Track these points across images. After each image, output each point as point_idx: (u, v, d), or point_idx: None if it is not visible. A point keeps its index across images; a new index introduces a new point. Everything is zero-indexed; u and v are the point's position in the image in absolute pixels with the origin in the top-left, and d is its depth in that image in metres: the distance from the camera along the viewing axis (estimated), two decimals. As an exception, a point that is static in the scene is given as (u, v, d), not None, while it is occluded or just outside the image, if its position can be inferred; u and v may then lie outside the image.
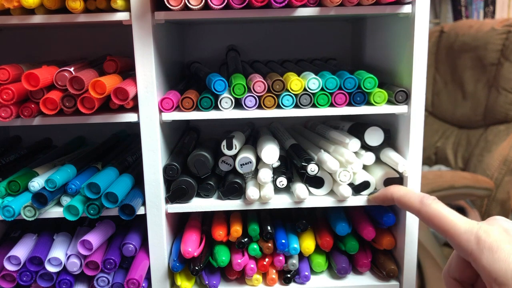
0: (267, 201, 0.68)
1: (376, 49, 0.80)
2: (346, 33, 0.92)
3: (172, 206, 0.69)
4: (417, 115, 0.65)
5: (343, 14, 0.62)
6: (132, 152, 0.78)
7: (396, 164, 0.66)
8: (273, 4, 0.60)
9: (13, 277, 0.68)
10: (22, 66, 0.64)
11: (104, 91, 0.59)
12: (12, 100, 0.59)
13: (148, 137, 0.65)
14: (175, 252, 0.71)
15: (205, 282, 0.71)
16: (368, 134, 0.69)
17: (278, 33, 0.91)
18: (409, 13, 0.63)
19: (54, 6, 0.59)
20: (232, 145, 0.68)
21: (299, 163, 0.67)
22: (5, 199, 0.65)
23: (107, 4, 0.60)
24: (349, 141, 0.69)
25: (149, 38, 0.62)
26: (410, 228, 0.69)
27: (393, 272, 0.71)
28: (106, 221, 0.71)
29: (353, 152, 0.68)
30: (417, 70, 0.64)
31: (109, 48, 0.82)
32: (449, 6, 1.88)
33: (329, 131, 0.76)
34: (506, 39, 1.44)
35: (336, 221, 0.72)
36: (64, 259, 0.67)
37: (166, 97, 0.65)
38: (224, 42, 0.90)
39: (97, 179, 0.64)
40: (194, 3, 0.59)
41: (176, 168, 0.67)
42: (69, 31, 0.89)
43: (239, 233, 0.70)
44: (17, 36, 0.88)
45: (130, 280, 0.67)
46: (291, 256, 0.72)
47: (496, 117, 1.49)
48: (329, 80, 0.64)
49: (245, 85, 0.64)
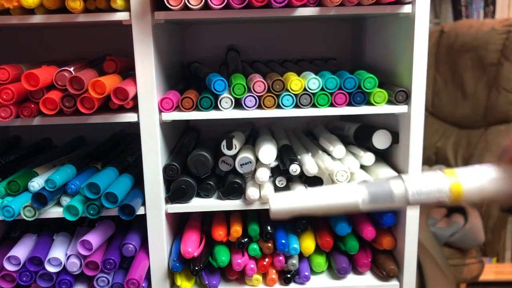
0: (267, 201, 0.68)
1: (376, 49, 0.79)
2: (346, 33, 0.92)
3: (172, 206, 0.69)
4: (417, 115, 0.65)
5: (343, 14, 0.62)
6: (132, 152, 0.78)
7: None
8: (273, 4, 0.59)
9: (13, 277, 0.68)
10: (22, 66, 0.64)
11: (104, 91, 0.59)
12: (12, 100, 0.59)
13: (148, 137, 0.65)
14: (175, 252, 0.71)
15: (205, 282, 0.71)
16: (376, 137, 0.70)
17: (278, 33, 0.91)
18: (409, 13, 0.63)
19: (54, 6, 0.59)
20: (232, 145, 0.68)
21: (285, 163, 0.67)
22: (5, 199, 0.65)
23: (107, 4, 0.60)
24: (333, 149, 0.70)
25: (149, 38, 0.62)
26: (410, 228, 0.69)
27: (393, 272, 0.71)
28: (106, 221, 0.71)
29: (338, 159, 0.70)
30: (417, 70, 0.64)
31: (109, 48, 0.82)
32: (449, 6, 1.88)
33: (322, 135, 0.76)
34: (506, 39, 1.44)
35: (336, 221, 0.72)
36: (64, 259, 0.67)
37: (166, 97, 0.65)
38: (224, 42, 0.90)
39: (97, 179, 0.64)
40: (194, 3, 0.59)
41: (176, 168, 0.67)
42: (69, 31, 0.89)
43: (239, 233, 0.70)
44: (17, 36, 0.88)
45: (130, 280, 0.67)
46: (291, 256, 0.72)
47: (496, 117, 1.49)
48: (329, 80, 0.64)
49: (245, 85, 0.64)
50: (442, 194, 0.30)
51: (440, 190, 0.30)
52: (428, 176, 0.30)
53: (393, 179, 0.30)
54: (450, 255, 1.26)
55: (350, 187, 0.30)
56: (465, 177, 0.30)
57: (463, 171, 0.30)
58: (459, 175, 0.30)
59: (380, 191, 0.30)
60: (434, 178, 0.30)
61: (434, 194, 0.30)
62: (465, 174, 0.30)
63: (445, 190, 0.30)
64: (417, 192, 0.30)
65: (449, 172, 0.30)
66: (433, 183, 0.30)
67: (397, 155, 0.71)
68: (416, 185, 0.30)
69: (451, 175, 0.30)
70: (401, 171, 0.69)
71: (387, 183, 0.30)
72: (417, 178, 0.30)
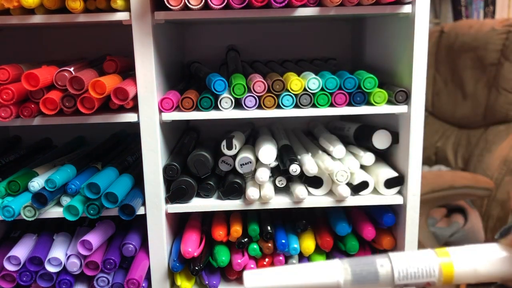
0: (267, 201, 0.68)
1: (376, 49, 0.79)
2: (346, 33, 0.92)
3: (172, 206, 0.69)
4: (417, 115, 0.65)
5: (343, 14, 0.62)
6: (132, 152, 0.78)
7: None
8: (273, 4, 0.59)
9: (13, 277, 0.68)
10: (22, 66, 0.64)
11: (104, 91, 0.59)
12: (12, 100, 0.59)
13: (148, 137, 0.65)
14: (175, 252, 0.71)
15: (205, 282, 0.71)
16: (376, 137, 0.70)
17: (278, 33, 0.91)
18: (409, 13, 0.63)
19: (54, 6, 0.59)
20: (232, 145, 0.68)
21: (285, 163, 0.67)
22: (5, 199, 0.65)
23: (107, 4, 0.60)
24: (333, 149, 0.70)
25: (149, 38, 0.62)
26: (410, 228, 0.69)
27: (393, 272, 0.71)
28: (106, 221, 0.71)
29: (338, 159, 0.70)
30: (417, 70, 0.64)
31: (109, 48, 0.82)
32: (449, 6, 1.88)
33: (322, 135, 0.76)
34: (506, 39, 1.44)
35: (336, 221, 0.72)
36: (64, 259, 0.67)
37: (166, 97, 0.65)
38: (224, 42, 0.90)
39: (97, 179, 0.64)
40: (194, 3, 0.59)
41: (176, 168, 0.67)
42: (69, 31, 0.89)
43: (239, 233, 0.70)
44: (17, 36, 0.88)
45: (130, 280, 0.67)
46: (291, 256, 0.72)
47: (496, 117, 1.49)
48: (329, 80, 0.64)
49: (245, 85, 0.64)
50: (432, 278, 0.28)
51: (429, 273, 0.28)
52: (418, 256, 0.29)
53: (379, 258, 0.29)
54: (450, 255, 1.26)
55: (333, 265, 0.29)
56: (458, 258, 0.29)
57: (457, 250, 0.29)
58: (452, 255, 0.29)
59: (364, 270, 0.28)
60: (424, 258, 0.29)
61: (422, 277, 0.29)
62: (458, 254, 0.29)
63: (434, 272, 0.28)
64: (404, 275, 0.28)
65: (441, 252, 0.29)
66: (423, 264, 0.28)
67: (397, 155, 0.71)
68: (403, 266, 0.28)
69: (443, 255, 0.29)
70: (401, 171, 0.69)
71: (373, 262, 0.29)
72: (405, 258, 0.29)
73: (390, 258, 0.28)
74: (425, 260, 0.29)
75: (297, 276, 0.29)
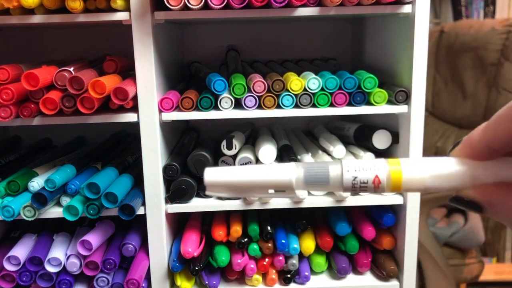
0: (267, 201, 0.68)
1: (376, 49, 0.79)
2: (346, 33, 0.92)
3: (172, 206, 0.69)
4: (417, 115, 0.65)
5: (343, 14, 0.62)
6: (132, 152, 0.78)
7: None
8: (273, 4, 0.59)
9: (12, 277, 0.68)
10: (22, 66, 0.64)
11: (104, 91, 0.59)
12: (12, 100, 0.59)
13: (148, 137, 0.65)
14: (175, 252, 0.71)
15: (205, 282, 0.71)
16: (376, 137, 0.70)
17: (278, 33, 0.91)
18: (409, 13, 0.63)
19: (54, 6, 0.59)
20: (232, 145, 0.68)
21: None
22: (5, 199, 0.65)
23: (107, 4, 0.60)
24: (333, 149, 0.70)
25: (149, 38, 0.62)
26: (410, 228, 0.69)
27: (393, 272, 0.71)
28: (106, 221, 0.71)
29: (338, 159, 0.69)
30: (417, 70, 0.64)
31: (109, 48, 0.82)
32: (449, 6, 1.88)
33: (322, 135, 0.76)
34: (506, 39, 1.44)
35: (336, 221, 0.72)
36: (63, 259, 0.67)
37: (166, 97, 0.65)
38: (224, 42, 0.90)
39: (97, 179, 0.64)
40: (194, 3, 0.59)
41: (176, 168, 0.67)
42: (69, 31, 0.89)
43: (239, 233, 0.70)
44: (17, 36, 0.88)
45: (130, 280, 0.67)
46: (291, 256, 0.72)
47: (496, 117, 1.50)
48: (329, 80, 0.64)
49: (245, 85, 0.64)
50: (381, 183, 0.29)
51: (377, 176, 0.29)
52: (369, 162, 0.30)
53: (332, 163, 0.30)
54: (450, 255, 1.26)
55: (287, 165, 0.30)
56: (408, 167, 0.29)
57: (409, 160, 0.30)
58: (403, 164, 0.30)
59: (316, 172, 0.30)
60: (374, 163, 0.30)
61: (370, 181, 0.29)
62: (409, 163, 0.30)
63: (382, 177, 0.29)
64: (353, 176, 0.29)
65: (393, 161, 0.29)
66: (372, 168, 0.29)
67: (397, 155, 0.71)
68: (353, 169, 0.29)
69: (393, 163, 0.29)
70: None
71: (325, 165, 0.30)
72: (356, 163, 0.30)
73: (342, 163, 0.29)
74: (375, 165, 0.29)
75: (253, 173, 0.30)
